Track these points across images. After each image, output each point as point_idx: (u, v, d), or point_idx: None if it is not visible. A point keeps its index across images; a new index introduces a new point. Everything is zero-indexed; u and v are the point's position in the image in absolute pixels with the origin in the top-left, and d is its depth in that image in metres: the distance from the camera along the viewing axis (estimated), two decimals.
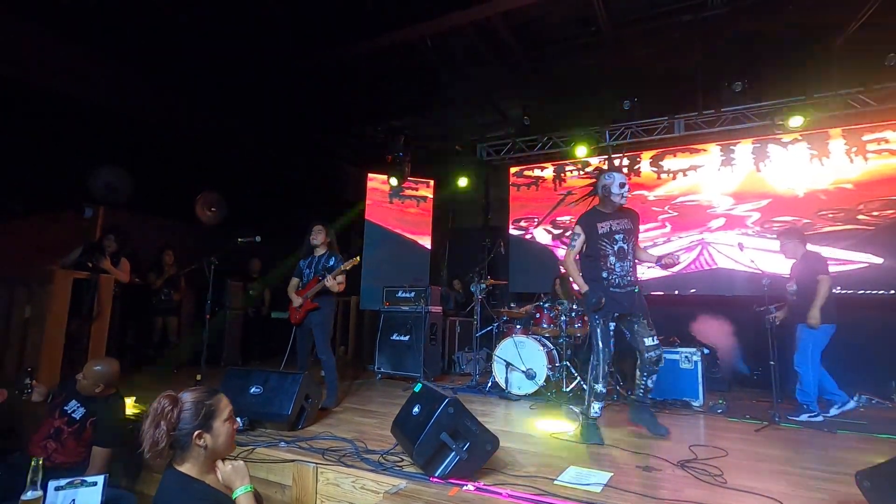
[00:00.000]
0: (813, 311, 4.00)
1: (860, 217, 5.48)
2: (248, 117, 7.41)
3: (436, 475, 2.31)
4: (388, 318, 5.72)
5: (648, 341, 3.23)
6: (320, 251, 4.14)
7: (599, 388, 3.25)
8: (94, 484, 2.19)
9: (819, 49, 5.31)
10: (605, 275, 3.26)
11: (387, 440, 2.93)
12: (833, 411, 4.04)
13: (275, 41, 5.79)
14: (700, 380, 4.46)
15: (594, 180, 3.44)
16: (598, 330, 3.25)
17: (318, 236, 4.14)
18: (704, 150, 6.40)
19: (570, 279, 3.61)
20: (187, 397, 1.71)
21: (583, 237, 3.33)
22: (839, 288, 5.36)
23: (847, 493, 2.19)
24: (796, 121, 5.53)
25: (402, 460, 2.57)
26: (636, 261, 3.38)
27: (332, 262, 4.05)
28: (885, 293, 5.26)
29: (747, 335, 5.58)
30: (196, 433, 1.66)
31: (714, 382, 5.08)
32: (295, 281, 4.16)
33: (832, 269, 5.47)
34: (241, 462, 1.80)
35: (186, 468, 1.68)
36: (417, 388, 2.75)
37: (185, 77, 6.28)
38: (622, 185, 3.23)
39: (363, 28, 5.60)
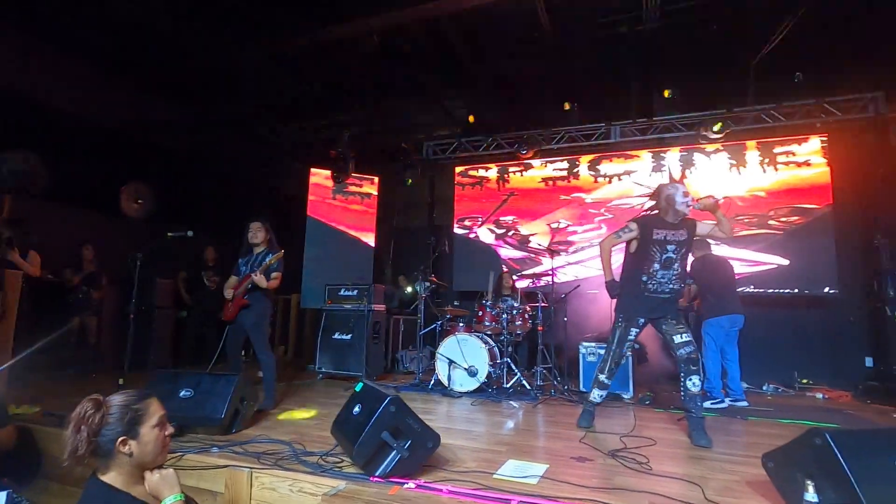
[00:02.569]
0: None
1: (771, 222, 6.01)
2: (185, 106, 6.99)
3: (376, 475, 2.30)
4: (330, 317, 5.61)
5: (678, 339, 3.25)
6: (259, 248, 3.99)
7: (603, 378, 3.42)
8: None
9: (737, 67, 5.76)
10: (644, 279, 3.29)
11: (327, 441, 2.87)
12: (708, 404, 4.38)
13: (216, 30, 5.51)
14: (630, 374, 4.72)
15: (656, 193, 3.42)
16: (618, 331, 3.38)
17: (258, 234, 3.99)
18: (638, 157, 6.77)
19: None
20: (114, 400, 1.60)
21: (633, 234, 3.33)
22: (752, 287, 5.88)
23: (755, 473, 2.39)
24: (718, 128, 5.95)
25: (343, 461, 2.53)
26: (685, 271, 3.39)
27: (268, 258, 3.91)
28: (791, 292, 5.81)
29: None
30: (120, 440, 1.55)
31: (644, 376, 5.40)
32: (233, 279, 4.00)
33: (747, 269, 6.00)
34: (171, 470, 1.71)
35: (111, 478, 1.57)
36: (358, 387, 2.72)
37: (112, 59, 5.84)
38: (685, 195, 3.26)
39: (307, 20, 5.44)
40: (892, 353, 5.27)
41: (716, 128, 5.95)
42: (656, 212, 3.39)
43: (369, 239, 7.26)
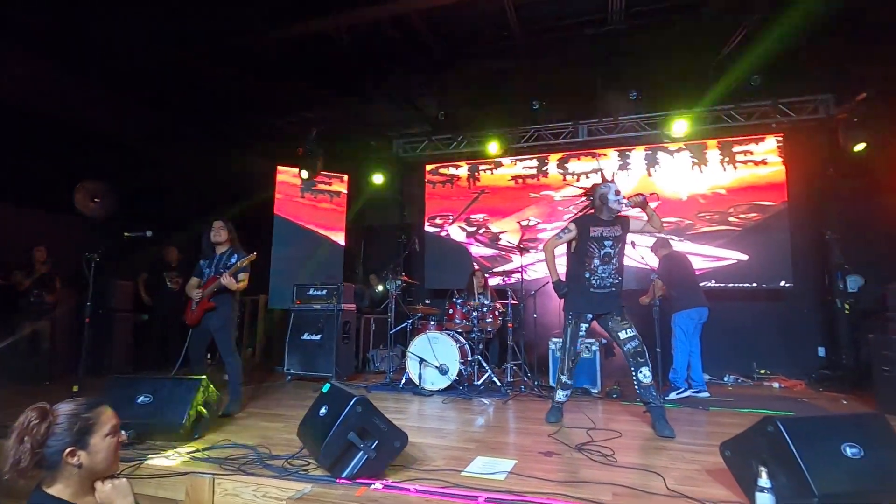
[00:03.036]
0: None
1: (731, 219, 6.23)
2: (145, 102, 6.73)
3: (343, 476, 2.27)
4: (299, 317, 5.51)
5: (623, 335, 3.39)
6: (222, 249, 3.88)
7: (564, 378, 3.53)
8: None
9: (698, 68, 5.94)
10: (587, 275, 3.44)
11: (294, 444, 2.81)
12: (672, 395, 4.56)
13: (181, 24, 5.32)
14: (598, 368, 4.82)
15: (590, 191, 3.57)
16: (569, 329, 3.50)
17: (221, 233, 3.88)
18: (605, 155, 6.90)
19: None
20: (62, 409, 1.51)
21: (573, 234, 3.49)
22: (713, 281, 6.07)
23: (715, 462, 2.46)
24: (680, 126, 6.12)
25: (309, 464, 2.49)
26: (622, 265, 3.53)
27: (233, 260, 3.81)
28: (749, 286, 6.03)
29: (637, 325, 6.10)
30: (68, 451, 1.48)
31: (611, 370, 5.50)
32: (195, 281, 3.87)
33: (709, 264, 6.19)
34: (124, 480, 1.63)
35: (57, 490, 1.49)
36: (325, 388, 2.68)
37: (61, 48, 5.55)
38: (617, 194, 3.40)
39: (276, 16, 5.32)
40: (843, 343, 5.54)
41: (679, 127, 6.12)
42: (591, 211, 3.56)
43: (339, 238, 7.16)
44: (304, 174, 6.80)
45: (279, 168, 7.03)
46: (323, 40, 5.64)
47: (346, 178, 7.34)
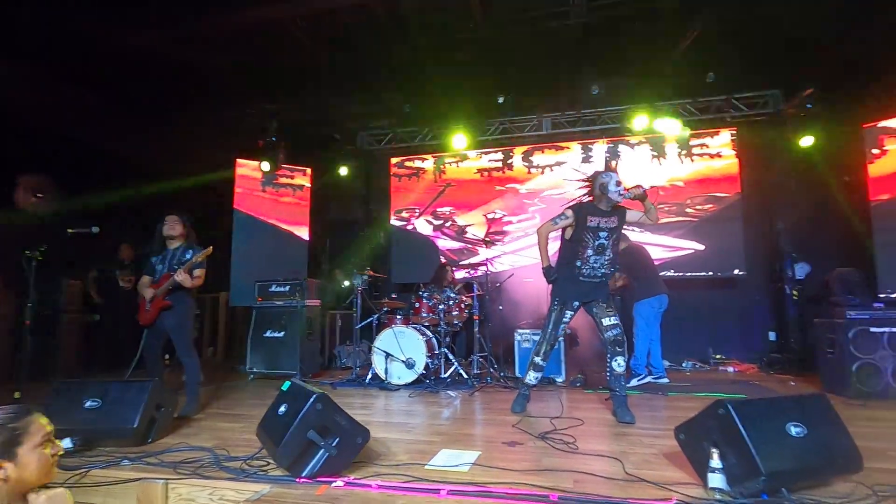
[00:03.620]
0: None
1: (688, 210, 6.43)
2: (92, 90, 6.36)
3: (303, 475, 2.22)
4: (261, 314, 5.38)
5: (606, 321, 3.39)
6: (175, 244, 3.72)
7: (538, 360, 3.52)
8: None
9: (657, 64, 6.08)
10: (578, 263, 3.41)
11: (253, 445, 2.73)
12: (633, 382, 4.69)
13: (132, 8, 5.04)
14: (563, 358, 4.90)
15: (591, 181, 3.50)
16: (553, 314, 3.50)
17: (175, 227, 3.72)
18: (568, 148, 6.99)
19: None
20: None
21: (569, 221, 3.42)
22: (672, 271, 6.27)
23: (671, 445, 2.53)
24: (642, 120, 6.25)
25: (269, 464, 2.43)
26: (616, 257, 3.52)
27: (188, 256, 3.66)
28: (706, 274, 6.26)
29: None
30: None
31: (575, 360, 5.60)
32: (146, 279, 3.69)
33: (667, 254, 6.38)
34: (62, 490, 1.54)
35: None
36: (285, 386, 2.62)
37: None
38: (618, 184, 3.33)
39: (230, 1, 5.12)
40: (791, 327, 5.83)
41: (640, 121, 6.25)
42: (590, 199, 3.50)
43: (303, 232, 7.00)
44: (265, 167, 6.62)
45: (238, 161, 6.80)
46: (280, 28, 5.47)
47: (308, 171, 7.17)
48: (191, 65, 6.21)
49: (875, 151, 5.46)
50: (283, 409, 2.44)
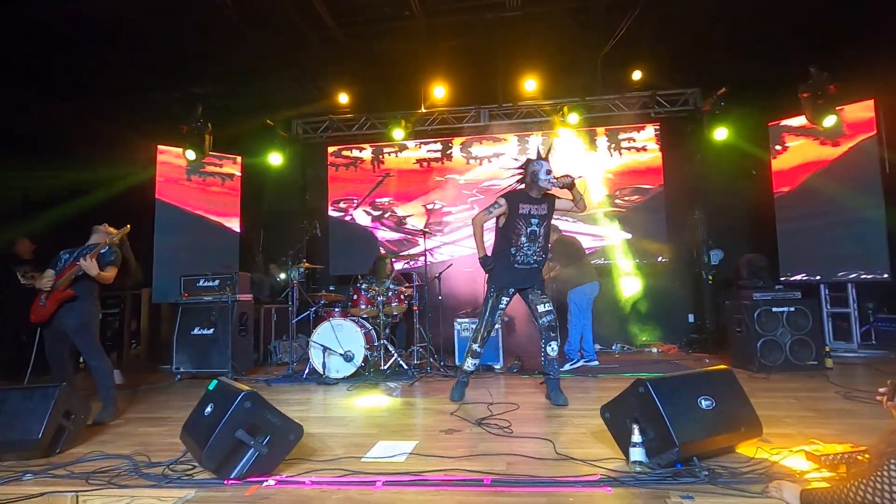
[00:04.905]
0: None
1: (617, 201, 6.77)
2: None
3: (232, 476, 2.13)
4: (188, 311, 5.08)
5: (541, 308, 3.49)
6: (95, 240, 3.42)
7: (476, 347, 3.56)
8: None
9: (589, 60, 6.31)
10: (513, 251, 3.46)
11: (179, 449, 2.58)
12: (567, 366, 4.90)
13: None
14: (500, 345, 5.02)
15: (523, 168, 3.52)
16: (490, 301, 3.54)
17: (106, 226, 3.46)
18: (505, 140, 7.11)
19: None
20: None
21: (502, 209, 3.44)
22: (602, 259, 6.58)
23: (598, 424, 2.66)
24: (573, 117, 6.48)
25: (194, 468, 2.31)
26: (547, 244, 3.59)
27: (104, 251, 3.37)
28: (633, 262, 6.62)
29: None
30: None
31: (512, 346, 5.76)
32: (49, 272, 3.35)
33: (597, 243, 6.68)
34: None
35: None
36: (212, 385, 2.49)
37: None
38: (548, 172, 3.37)
39: None
40: (708, 310, 6.31)
41: (572, 118, 6.47)
42: (522, 186, 3.57)
43: (233, 224, 6.67)
44: (190, 155, 6.20)
45: (160, 148, 6.34)
46: (207, 6, 5.13)
47: (239, 159, 6.82)
48: (105, 43, 5.70)
49: (778, 148, 6.01)
50: (209, 409, 2.32)
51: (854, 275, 5.39)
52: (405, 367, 4.80)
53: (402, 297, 5.21)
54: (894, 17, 4.93)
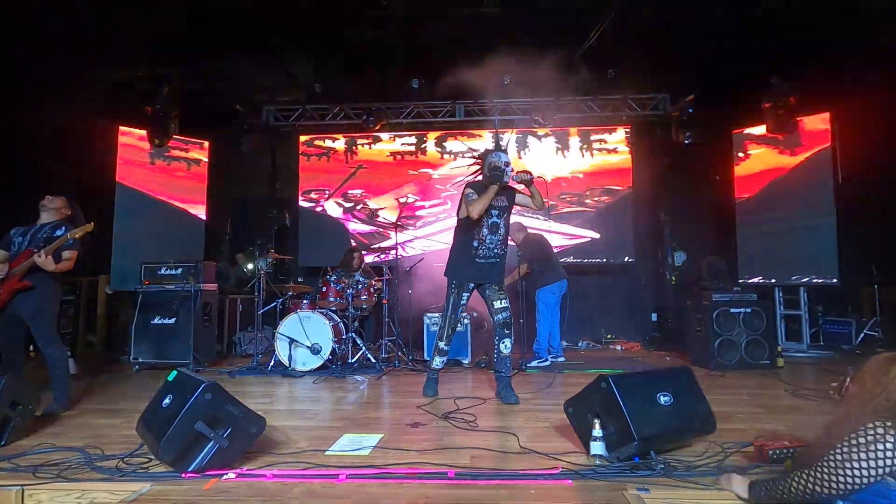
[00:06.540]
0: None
1: (587, 201, 6.89)
2: None
3: (190, 469, 2.07)
4: (148, 299, 4.91)
5: (497, 304, 3.49)
6: (47, 218, 3.26)
7: (442, 345, 3.55)
8: None
9: (564, 60, 6.38)
10: (475, 244, 3.44)
11: (135, 442, 2.51)
12: (534, 363, 4.97)
13: None
14: (469, 340, 5.06)
15: (481, 160, 3.48)
16: (452, 297, 3.52)
17: (56, 201, 3.29)
18: (480, 136, 7.13)
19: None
20: None
21: (476, 197, 3.37)
22: (571, 258, 6.69)
23: (562, 419, 2.72)
24: (547, 116, 6.55)
25: (150, 461, 2.24)
26: (508, 237, 3.58)
27: (58, 233, 3.22)
28: (601, 261, 6.77)
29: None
30: None
31: (481, 342, 5.80)
32: (1, 254, 3.18)
33: (568, 242, 6.79)
34: None
35: None
36: (171, 376, 2.41)
37: None
38: (507, 164, 3.34)
39: None
40: (670, 309, 6.51)
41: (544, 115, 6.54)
42: (480, 178, 3.56)
43: (199, 211, 6.46)
44: (155, 139, 5.96)
45: (122, 129, 6.07)
46: None
47: (206, 144, 6.60)
48: (64, 20, 5.40)
49: (741, 155, 6.23)
50: (167, 400, 2.25)
51: (806, 279, 5.67)
52: (373, 360, 4.78)
53: (371, 290, 5.18)
54: (852, 35, 5.18)
